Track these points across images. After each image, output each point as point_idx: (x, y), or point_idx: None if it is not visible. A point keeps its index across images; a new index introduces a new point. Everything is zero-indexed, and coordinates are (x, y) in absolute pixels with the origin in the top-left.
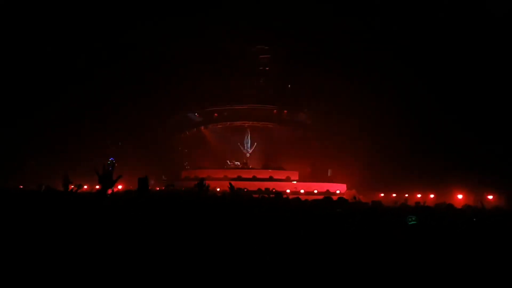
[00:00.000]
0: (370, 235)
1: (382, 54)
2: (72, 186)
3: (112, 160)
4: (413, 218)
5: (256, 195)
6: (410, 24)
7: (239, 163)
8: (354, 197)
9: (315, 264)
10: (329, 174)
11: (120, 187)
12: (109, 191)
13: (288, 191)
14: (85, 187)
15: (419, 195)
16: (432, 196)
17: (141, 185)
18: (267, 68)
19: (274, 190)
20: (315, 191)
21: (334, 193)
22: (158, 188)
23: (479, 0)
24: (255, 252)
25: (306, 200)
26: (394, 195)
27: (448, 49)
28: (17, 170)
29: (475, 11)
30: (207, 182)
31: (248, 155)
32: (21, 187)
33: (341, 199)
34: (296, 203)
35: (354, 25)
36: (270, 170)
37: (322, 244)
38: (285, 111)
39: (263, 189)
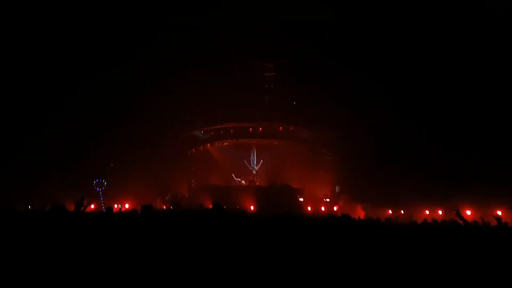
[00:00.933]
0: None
1: (387, 64)
2: (82, 208)
3: (100, 181)
4: None
5: None
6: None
7: (244, 181)
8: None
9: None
10: (337, 191)
11: (127, 206)
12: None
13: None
14: (92, 206)
15: (427, 212)
16: (440, 212)
17: (145, 212)
18: (272, 86)
19: None
20: None
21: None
22: (164, 207)
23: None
24: None
25: None
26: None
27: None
28: (25, 188)
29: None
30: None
31: (254, 172)
32: (30, 207)
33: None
34: None
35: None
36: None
37: None
38: (291, 127)
39: None
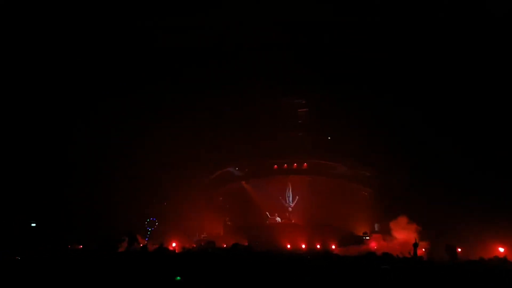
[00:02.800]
0: None
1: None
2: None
3: (152, 220)
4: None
5: None
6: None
7: (279, 219)
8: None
9: None
10: (376, 229)
11: (174, 245)
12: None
13: None
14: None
15: (459, 250)
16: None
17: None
18: (305, 121)
19: None
20: None
21: None
22: (194, 246)
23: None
24: None
25: None
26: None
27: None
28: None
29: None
30: None
31: (290, 209)
32: (69, 246)
33: None
34: None
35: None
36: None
37: None
38: (326, 163)
39: None
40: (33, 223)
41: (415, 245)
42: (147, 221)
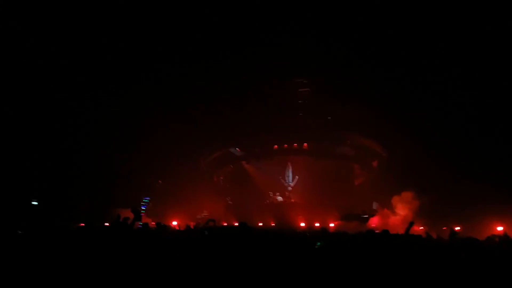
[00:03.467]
0: None
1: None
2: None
3: (146, 199)
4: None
5: None
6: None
7: (281, 198)
8: None
9: None
10: (374, 207)
11: (175, 223)
12: (137, 224)
13: None
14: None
15: (457, 228)
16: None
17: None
18: (306, 101)
19: None
20: None
21: None
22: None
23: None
24: None
25: None
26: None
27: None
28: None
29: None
30: None
31: (290, 188)
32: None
33: None
34: None
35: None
36: None
37: None
38: (326, 144)
39: None
40: (35, 201)
41: (411, 224)
42: (142, 201)
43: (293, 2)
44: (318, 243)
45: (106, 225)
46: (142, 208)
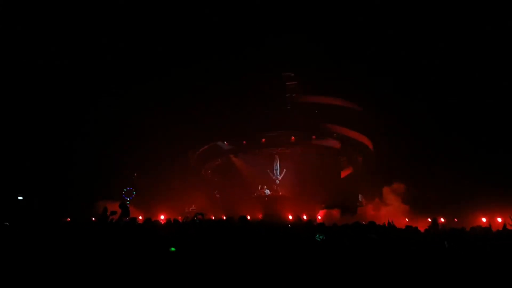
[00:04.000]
0: None
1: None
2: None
3: (129, 189)
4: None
5: None
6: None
7: (269, 191)
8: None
9: None
10: (360, 199)
11: (162, 217)
12: (125, 219)
13: None
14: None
15: (442, 220)
16: (456, 220)
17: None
18: (294, 94)
19: None
20: None
21: None
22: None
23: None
24: None
25: None
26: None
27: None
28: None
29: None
30: None
31: (277, 181)
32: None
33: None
34: None
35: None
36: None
37: None
38: (313, 136)
39: None
40: (20, 196)
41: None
42: (124, 191)
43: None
44: (317, 236)
45: (93, 220)
46: (127, 199)
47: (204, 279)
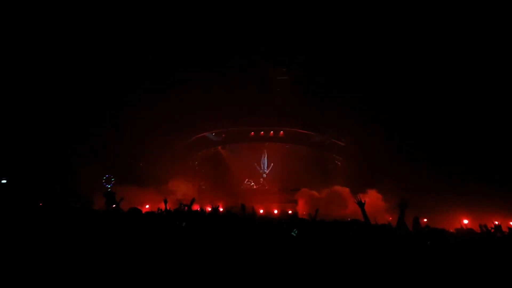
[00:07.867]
0: None
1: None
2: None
3: (109, 176)
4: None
5: None
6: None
7: (254, 184)
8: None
9: None
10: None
11: (147, 206)
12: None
13: None
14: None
15: (425, 220)
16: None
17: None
18: (284, 89)
19: None
20: None
21: None
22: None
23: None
24: None
25: None
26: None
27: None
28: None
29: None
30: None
31: (264, 175)
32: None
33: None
34: None
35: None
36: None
37: None
38: (302, 131)
39: None
40: (3, 179)
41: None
42: (104, 178)
43: None
44: (294, 231)
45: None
46: (106, 186)
47: (200, 273)
